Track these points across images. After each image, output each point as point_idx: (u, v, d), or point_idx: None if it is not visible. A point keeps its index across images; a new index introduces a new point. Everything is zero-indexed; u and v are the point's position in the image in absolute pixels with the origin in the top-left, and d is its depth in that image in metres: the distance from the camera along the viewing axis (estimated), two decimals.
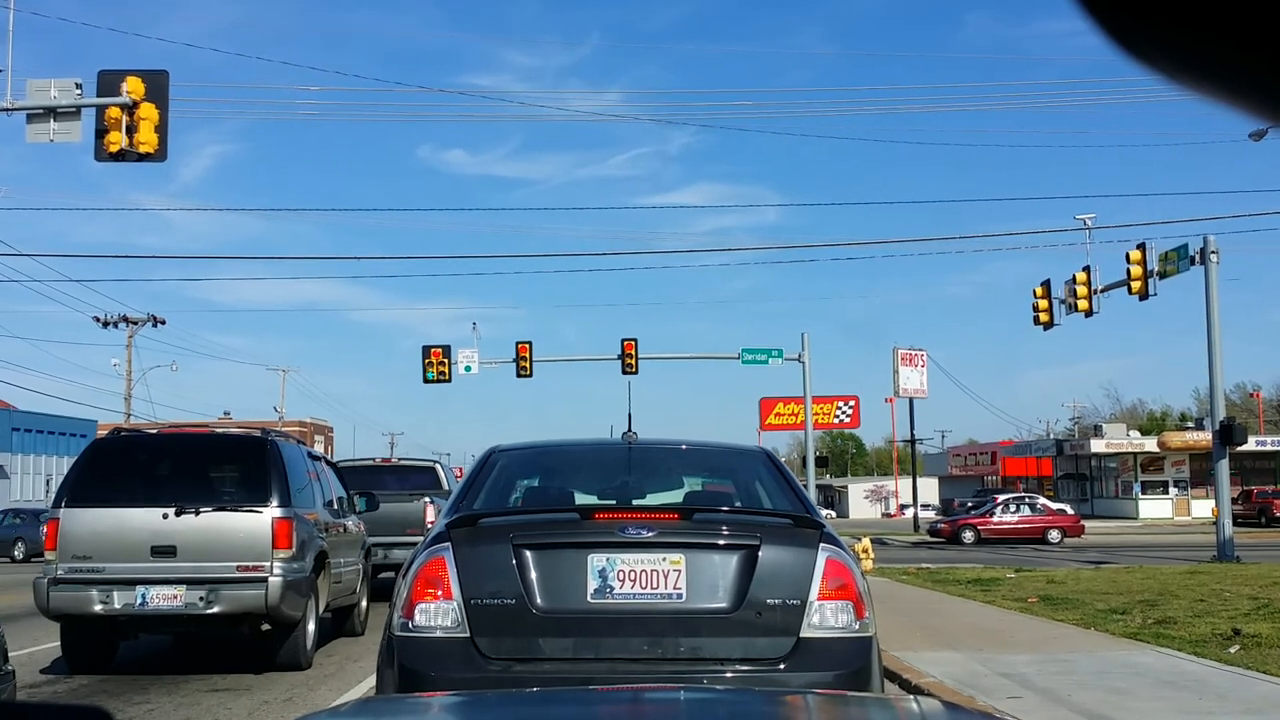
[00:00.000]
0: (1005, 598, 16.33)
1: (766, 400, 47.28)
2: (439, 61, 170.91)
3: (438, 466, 20.35)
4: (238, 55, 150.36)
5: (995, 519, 42.02)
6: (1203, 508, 48.49)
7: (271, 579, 10.15)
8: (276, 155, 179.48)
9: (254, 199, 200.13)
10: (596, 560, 4.73)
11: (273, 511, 10.30)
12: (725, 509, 5.41)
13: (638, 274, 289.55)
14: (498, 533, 4.86)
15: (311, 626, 10.91)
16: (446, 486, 18.65)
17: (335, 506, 12.83)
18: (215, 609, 10.13)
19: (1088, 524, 43.79)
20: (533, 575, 4.71)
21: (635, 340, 37.83)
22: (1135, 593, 16.53)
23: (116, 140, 16.35)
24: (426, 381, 37.90)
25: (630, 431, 5.94)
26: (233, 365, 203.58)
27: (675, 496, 6.08)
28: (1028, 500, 44.29)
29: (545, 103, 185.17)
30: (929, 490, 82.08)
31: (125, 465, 10.87)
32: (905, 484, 74.67)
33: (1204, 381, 29.89)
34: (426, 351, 37.70)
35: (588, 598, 4.71)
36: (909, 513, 63.20)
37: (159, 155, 16.71)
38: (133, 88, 16.32)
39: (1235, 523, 28.91)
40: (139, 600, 10.10)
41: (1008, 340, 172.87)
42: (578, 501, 5.56)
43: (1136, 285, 28.49)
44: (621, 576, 4.72)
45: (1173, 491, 58.64)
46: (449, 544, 4.79)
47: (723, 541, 4.83)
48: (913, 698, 3.03)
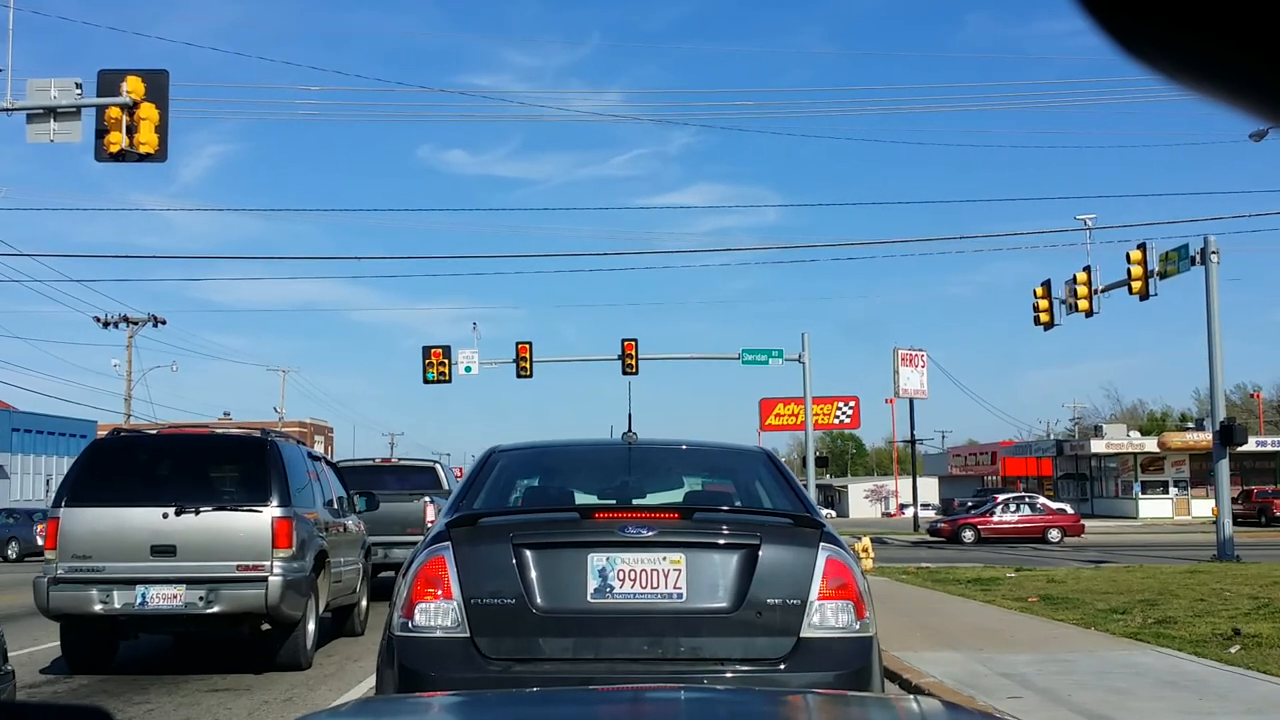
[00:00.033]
0: (1005, 597, 16.33)
1: (767, 401, 47.31)
2: (439, 61, 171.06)
3: (438, 466, 20.35)
4: (238, 55, 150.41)
5: (995, 518, 42.02)
6: (1203, 507, 48.51)
7: (271, 579, 10.14)
8: (276, 155, 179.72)
9: (254, 199, 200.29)
10: (596, 560, 4.73)
11: (273, 511, 10.30)
12: (725, 509, 5.40)
13: (638, 274, 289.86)
14: (498, 532, 4.85)
15: (311, 626, 10.91)
16: (446, 486, 18.65)
17: (335, 506, 12.83)
18: (215, 609, 10.13)
19: (1088, 524, 43.80)
20: (533, 575, 4.70)
21: (635, 340, 37.88)
22: (1135, 592, 16.53)
23: (116, 140, 16.34)
24: (426, 382, 37.91)
25: (630, 431, 5.93)
26: (233, 365, 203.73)
27: (675, 496, 6.07)
28: (1028, 500, 44.28)
29: (545, 103, 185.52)
30: (929, 490, 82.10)
31: (125, 465, 10.86)
32: (905, 484, 74.69)
33: (1204, 382, 29.93)
34: (426, 352, 37.72)
35: (588, 597, 4.70)
36: (909, 512, 63.24)
37: (159, 155, 16.71)
38: (133, 87, 16.32)
39: (1235, 522, 28.92)
40: (139, 600, 10.10)
41: (1008, 340, 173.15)
42: (578, 501, 5.56)
43: (1137, 285, 28.52)
44: (621, 576, 4.71)
45: (1173, 491, 58.68)
46: (449, 543, 4.78)
47: (723, 541, 4.83)
48: (913, 698, 3.03)
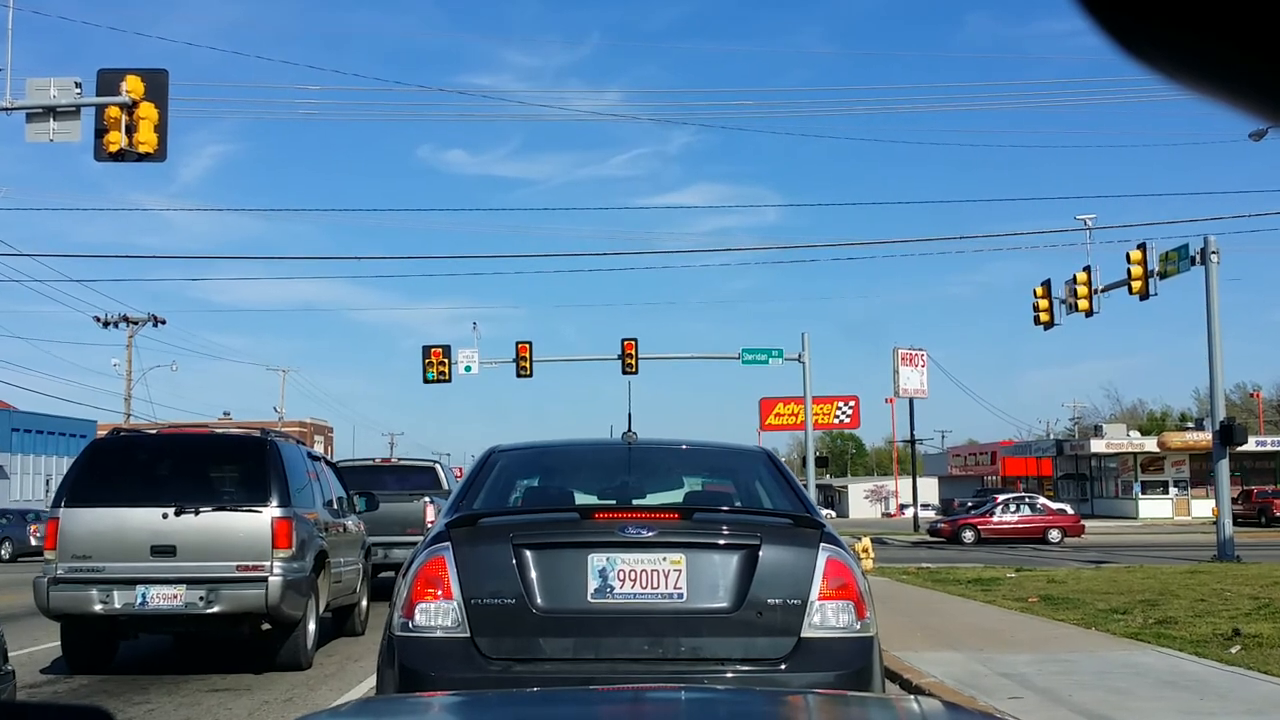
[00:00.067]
0: (1006, 597, 16.33)
1: (766, 400, 47.27)
2: (439, 61, 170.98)
3: (438, 466, 20.36)
4: (237, 54, 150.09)
5: (995, 519, 42.01)
6: (1203, 508, 48.52)
7: (271, 579, 10.14)
8: (276, 155, 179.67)
9: (254, 199, 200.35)
10: (596, 560, 4.72)
11: (272, 511, 10.30)
12: (725, 509, 5.40)
13: (638, 274, 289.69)
14: (498, 532, 4.85)
15: (312, 626, 10.91)
16: (446, 486, 18.65)
17: (335, 506, 12.83)
18: (215, 609, 10.12)
19: (1088, 524, 43.78)
20: (533, 575, 4.70)
21: (635, 340, 37.86)
22: (1136, 592, 16.54)
23: (116, 140, 16.34)
24: (426, 381, 37.91)
25: (630, 431, 5.92)
26: (232, 365, 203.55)
27: (675, 496, 6.07)
28: (1028, 500, 44.27)
29: (545, 103, 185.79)
30: (929, 490, 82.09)
31: (125, 465, 10.86)
32: (905, 484, 74.67)
33: (1204, 381, 29.94)
34: (426, 351, 37.72)
35: (588, 597, 4.70)
36: (909, 512, 63.22)
37: (159, 155, 16.71)
38: (132, 87, 16.32)
39: (1235, 522, 28.91)
40: (139, 600, 10.10)
41: (1008, 340, 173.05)
42: (578, 501, 5.55)
43: (1137, 285, 28.52)
44: (622, 576, 4.71)
45: (1173, 491, 58.66)
46: (449, 544, 4.78)
47: (723, 541, 4.82)
48: (913, 698, 3.03)
